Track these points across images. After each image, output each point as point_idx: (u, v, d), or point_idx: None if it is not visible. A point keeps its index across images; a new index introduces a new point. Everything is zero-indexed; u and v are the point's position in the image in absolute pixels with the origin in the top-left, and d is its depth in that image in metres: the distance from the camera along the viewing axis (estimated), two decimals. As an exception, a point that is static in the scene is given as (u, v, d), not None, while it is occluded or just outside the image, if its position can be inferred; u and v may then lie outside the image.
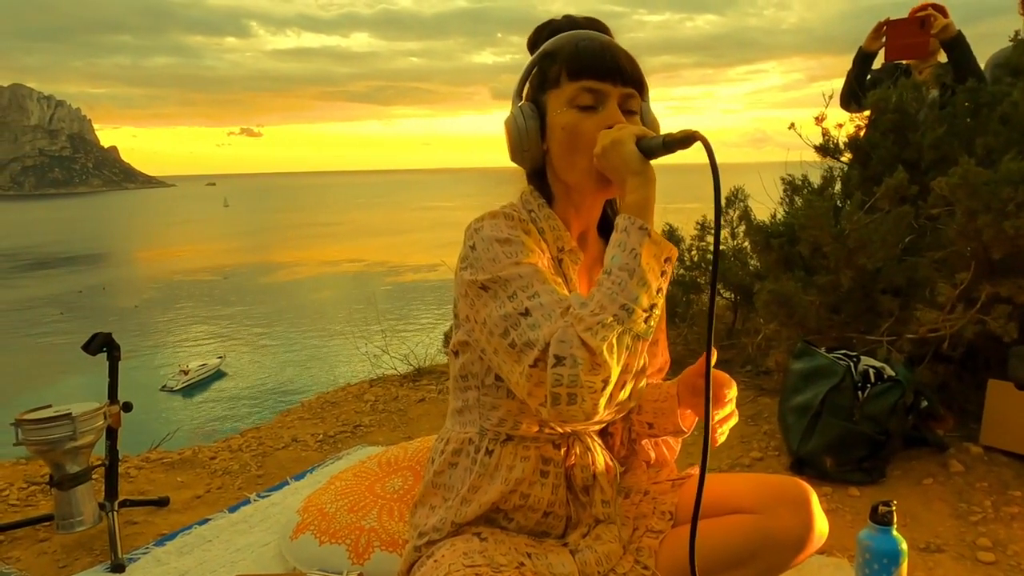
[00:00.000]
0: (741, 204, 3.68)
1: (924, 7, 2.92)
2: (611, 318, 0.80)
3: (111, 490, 1.99)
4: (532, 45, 1.07)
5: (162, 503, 2.18)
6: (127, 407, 2.05)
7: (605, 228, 1.10)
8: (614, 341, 0.79)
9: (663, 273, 0.85)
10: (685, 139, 0.86)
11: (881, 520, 1.34)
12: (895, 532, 1.34)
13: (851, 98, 3.21)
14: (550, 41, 1.02)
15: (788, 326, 2.51)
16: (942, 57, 3.01)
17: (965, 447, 2.22)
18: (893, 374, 2.10)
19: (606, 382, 0.79)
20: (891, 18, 2.97)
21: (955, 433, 2.31)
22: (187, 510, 2.16)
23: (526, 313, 0.84)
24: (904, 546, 1.34)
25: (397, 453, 2.08)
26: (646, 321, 0.82)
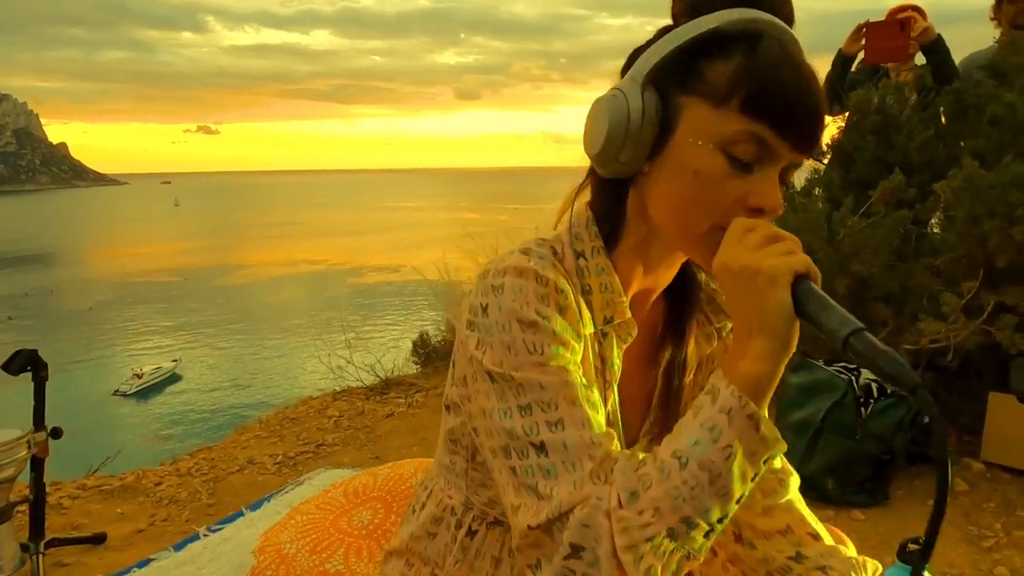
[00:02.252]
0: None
1: (903, 8, 2.85)
2: (664, 533, 0.57)
3: (36, 529, 1.76)
4: (692, 9, 0.67)
5: (98, 540, 1.94)
6: (56, 433, 1.81)
7: (673, 286, 0.81)
8: (659, 568, 0.57)
9: (755, 477, 0.59)
10: (893, 378, 0.52)
11: (910, 560, 1.20)
12: (928, 574, 1.20)
13: (831, 100, 3.12)
14: (725, 19, 0.64)
15: (780, 336, 2.39)
16: (919, 60, 2.96)
17: (967, 463, 2.13)
18: (896, 388, 1.99)
19: None
20: (871, 20, 2.90)
21: (953, 448, 2.22)
22: (127, 547, 1.93)
23: (541, 448, 0.62)
24: (936, 588, 1.20)
25: (366, 481, 1.87)
26: (707, 535, 0.59)
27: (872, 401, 1.96)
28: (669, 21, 0.72)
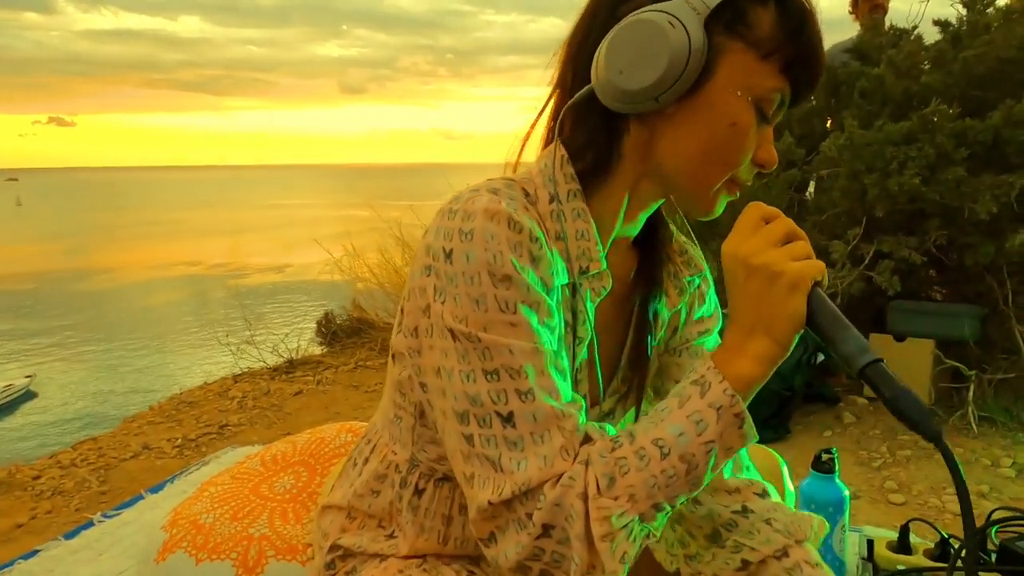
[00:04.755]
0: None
1: None
2: (637, 519, 0.57)
3: None
4: None
5: (-31, 537, 1.71)
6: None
7: (644, 236, 0.78)
8: (630, 550, 0.57)
9: (720, 467, 0.60)
10: (912, 422, 0.52)
11: (824, 468, 1.31)
12: (838, 480, 1.31)
13: None
14: None
15: (686, 292, 2.52)
16: None
17: (852, 399, 2.33)
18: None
19: None
20: None
21: (843, 385, 2.43)
22: (7, 543, 1.72)
23: (508, 419, 0.58)
24: (848, 492, 1.31)
25: (284, 449, 1.77)
26: (666, 516, 0.60)
27: (774, 343, 2.11)
28: (551, 18, 0.74)
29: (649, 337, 0.78)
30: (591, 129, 0.66)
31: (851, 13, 3.40)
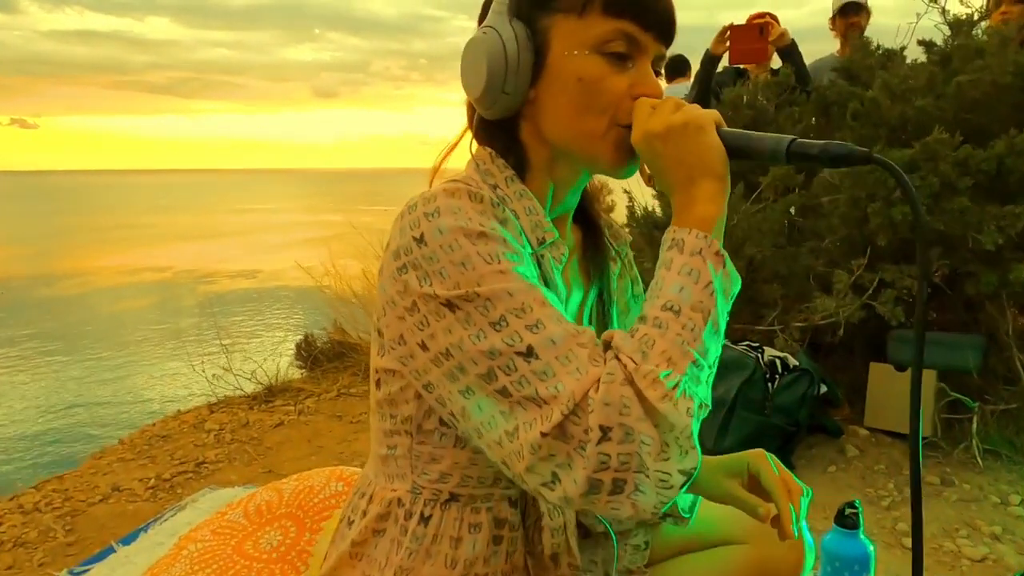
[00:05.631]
0: (609, 197, 3.64)
1: (761, 15, 3.07)
2: (683, 379, 0.58)
3: None
4: None
5: (-80, 601, 1.57)
6: None
7: (578, 216, 0.85)
8: (691, 405, 0.58)
9: (727, 313, 0.64)
10: (843, 157, 0.61)
11: (848, 524, 1.24)
12: (863, 535, 1.24)
13: (707, 97, 3.30)
14: None
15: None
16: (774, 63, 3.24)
17: (854, 431, 2.28)
18: (797, 363, 2.09)
19: (686, 474, 0.58)
20: (734, 23, 3.10)
21: (844, 416, 2.38)
22: (-38, 606, 1.58)
23: (529, 353, 0.60)
24: (873, 548, 1.24)
25: (269, 497, 1.66)
26: (707, 381, 0.62)
27: (778, 376, 2.05)
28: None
29: (606, 300, 0.85)
30: (498, 136, 0.75)
31: (832, 29, 3.42)
